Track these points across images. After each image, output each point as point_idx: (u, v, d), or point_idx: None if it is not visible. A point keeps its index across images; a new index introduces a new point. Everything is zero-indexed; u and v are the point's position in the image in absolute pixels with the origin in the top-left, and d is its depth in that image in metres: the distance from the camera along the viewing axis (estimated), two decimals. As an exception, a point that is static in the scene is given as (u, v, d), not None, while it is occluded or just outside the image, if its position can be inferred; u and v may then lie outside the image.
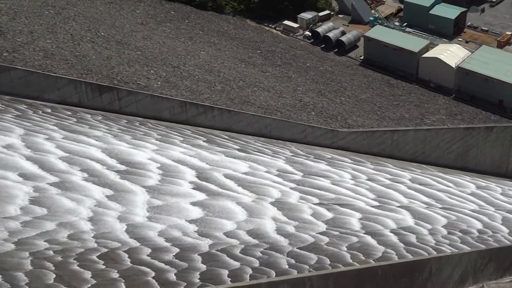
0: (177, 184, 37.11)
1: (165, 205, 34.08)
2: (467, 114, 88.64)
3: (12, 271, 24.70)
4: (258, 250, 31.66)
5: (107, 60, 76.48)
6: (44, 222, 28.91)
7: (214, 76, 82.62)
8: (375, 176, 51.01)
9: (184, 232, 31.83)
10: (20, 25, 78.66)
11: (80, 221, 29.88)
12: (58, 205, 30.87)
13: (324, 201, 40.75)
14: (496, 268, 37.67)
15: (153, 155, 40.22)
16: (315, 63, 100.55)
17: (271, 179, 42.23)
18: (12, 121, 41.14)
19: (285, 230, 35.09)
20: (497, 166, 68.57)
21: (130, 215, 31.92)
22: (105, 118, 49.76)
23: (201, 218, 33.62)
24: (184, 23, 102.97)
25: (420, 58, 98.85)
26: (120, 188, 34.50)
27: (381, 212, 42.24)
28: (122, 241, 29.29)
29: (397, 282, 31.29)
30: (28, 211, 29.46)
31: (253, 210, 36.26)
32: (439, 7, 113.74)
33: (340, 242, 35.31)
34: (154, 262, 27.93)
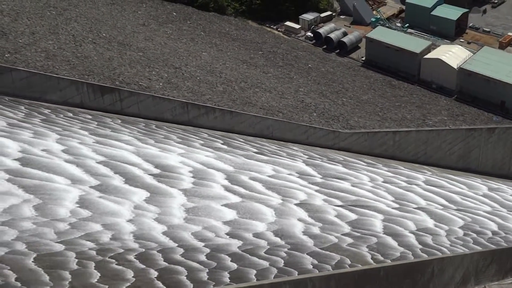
0: (209, 187, 38.74)
1: (200, 207, 35.67)
2: (469, 115, 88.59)
3: (58, 269, 26.00)
4: (284, 250, 32.89)
5: (109, 61, 76.52)
6: (89, 224, 30.47)
7: (215, 77, 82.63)
8: (391, 178, 51.97)
9: (217, 233, 33.19)
10: (22, 26, 78.72)
11: (122, 223, 31.47)
12: (101, 207, 32.54)
13: (347, 203, 41.98)
14: (498, 270, 37.64)
15: (182, 159, 41.82)
16: (317, 64, 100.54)
17: (295, 181, 43.64)
18: (41, 125, 42.41)
19: (311, 231, 36.33)
20: (499, 167, 68.50)
21: (168, 217, 33.49)
22: (124, 122, 51.36)
23: (234, 220, 35.05)
24: (186, 24, 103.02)
25: (422, 59, 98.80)
26: (157, 191, 36.12)
27: (401, 213, 43.35)
28: (160, 241, 30.70)
29: (399, 283, 31.27)
30: (75, 213, 31.08)
31: (281, 212, 37.64)
32: (441, 8, 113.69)
33: (362, 243, 36.31)
34: (187, 262, 29.25)
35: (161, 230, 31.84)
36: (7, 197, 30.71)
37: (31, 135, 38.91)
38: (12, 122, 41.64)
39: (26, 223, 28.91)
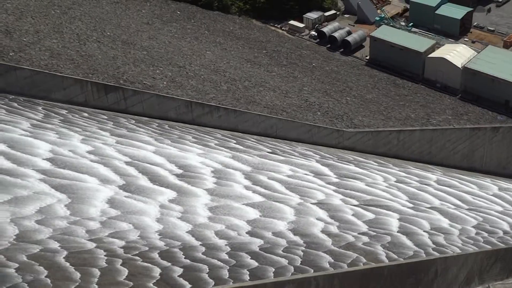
0: (231, 186, 40.10)
1: (223, 206, 36.94)
2: (473, 114, 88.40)
3: (87, 266, 26.87)
4: (301, 249, 33.86)
5: (113, 59, 76.55)
6: (117, 223, 31.56)
7: (219, 76, 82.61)
8: (403, 178, 52.87)
9: (239, 232, 34.32)
10: (26, 24, 78.79)
11: (148, 222, 32.51)
12: (129, 207, 33.68)
13: (362, 202, 43.08)
14: (502, 269, 37.63)
15: (202, 159, 43.26)
16: (321, 63, 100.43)
17: (312, 181, 44.90)
18: (62, 126, 43.57)
19: (329, 230, 37.38)
20: (503, 166, 68.47)
21: (192, 216, 34.65)
22: (138, 122, 52.74)
23: (256, 219, 36.27)
24: (190, 23, 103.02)
25: (426, 58, 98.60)
26: (182, 190, 37.45)
27: (416, 213, 44.25)
28: (184, 240, 31.71)
29: (403, 283, 31.27)
30: (104, 212, 32.23)
31: (300, 211, 38.80)
32: (445, 7, 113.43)
33: (378, 242, 37.24)
34: (210, 260, 30.23)
35: (186, 229, 32.91)
36: (44, 196, 31.77)
37: (56, 135, 40.12)
38: (34, 123, 42.73)
39: (60, 222, 29.91)
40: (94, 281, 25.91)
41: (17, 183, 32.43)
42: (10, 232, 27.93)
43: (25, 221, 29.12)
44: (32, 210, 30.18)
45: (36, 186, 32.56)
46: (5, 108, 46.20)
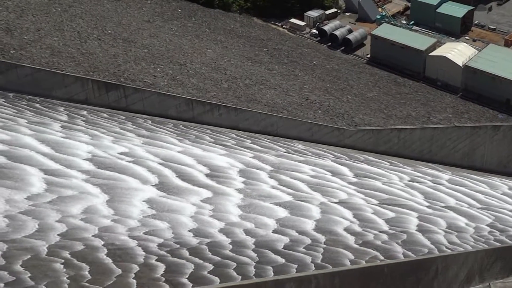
0: (259, 186, 41.59)
1: (254, 206, 38.32)
2: (474, 112, 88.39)
3: (126, 263, 28.23)
4: (323, 247, 34.92)
5: (113, 57, 76.52)
6: (155, 221, 32.94)
7: (220, 74, 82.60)
8: (418, 178, 53.84)
9: (268, 230, 35.57)
10: (27, 22, 78.76)
11: (183, 221, 33.87)
12: (165, 206, 35.10)
13: (382, 202, 44.45)
14: (503, 267, 37.62)
15: (227, 159, 44.91)
16: (322, 61, 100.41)
17: (334, 181, 46.41)
18: (89, 128, 45.12)
19: (352, 228, 38.55)
20: (504, 165, 68.48)
21: (225, 215, 36.09)
22: (154, 121, 54.12)
23: (285, 217, 37.49)
24: (190, 21, 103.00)
25: (427, 57, 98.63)
26: (214, 190, 38.81)
27: (433, 212, 45.34)
28: (217, 238, 33.07)
29: (403, 281, 31.28)
30: (143, 211, 33.75)
31: (326, 210, 40.00)
32: (446, 5, 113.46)
33: (397, 240, 38.37)
34: (238, 257, 31.42)
35: (219, 227, 34.22)
36: (88, 196, 33.52)
37: (88, 137, 41.69)
38: (64, 125, 44.13)
39: (103, 220, 31.51)
40: (131, 276, 27.16)
41: (63, 183, 33.81)
42: (58, 230, 29.33)
43: (71, 219, 30.64)
44: (79, 209, 31.61)
45: (80, 186, 34.02)
46: (29, 109, 47.46)
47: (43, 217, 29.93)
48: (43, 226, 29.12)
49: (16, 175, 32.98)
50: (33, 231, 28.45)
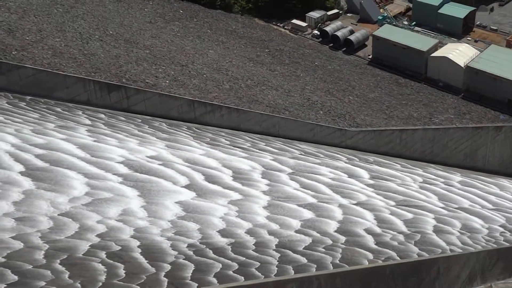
0: (283, 188, 42.96)
1: (281, 207, 39.64)
2: (476, 113, 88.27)
3: (159, 262, 29.69)
4: (343, 247, 36.21)
5: (115, 58, 76.56)
6: (185, 223, 34.43)
7: (222, 75, 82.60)
8: (430, 180, 54.93)
9: (293, 231, 36.78)
10: (29, 23, 78.84)
11: (213, 222, 35.40)
12: (196, 208, 36.67)
13: (399, 203, 45.84)
14: (504, 268, 37.60)
15: (250, 162, 46.51)
16: (324, 62, 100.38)
17: (350, 182, 47.88)
18: (112, 130, 46.82)
19: (372, 229, 39.87)
20: (506, 165, 68.42)
21: (253, 216, 37.48)
22: (170, 124, 55.50)
23: (310, 219, 38.88)
24: (192, 22, 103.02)
25: (429, 57, 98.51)
26: (242, 192, 40.32)
27: (448, 213, 46.57)
28: (244, 238, 34.50)
29: (405, 281, 31.28)
30: (176, 213, 35.42)
31: (348, 212, 41.48)
32: (448, 6, 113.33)
33: (413, 241, 39.66)
34: (262, 257, 32.81)
35: (246, 228, 35.64)
36: (127, 199, 35.20)
37: (116, 141, 43.39)
38: (89, 129, 45.81)
39: (139, 222, 33.00)
40: (162, 275, 28.46)
41: (102, 186, 35.48)
42: (97, 231, 30.88)
43: (109, 220, 32.20)
44: (116, 211, 33.16)
45: (117, 189, 35.75)
46: (49, 112, 48.65)
47: (83, 218, 31.36)
48: (83, 227, 30.52)
49: (58, 178, 34.62)
50: (74, 232, 29.87)
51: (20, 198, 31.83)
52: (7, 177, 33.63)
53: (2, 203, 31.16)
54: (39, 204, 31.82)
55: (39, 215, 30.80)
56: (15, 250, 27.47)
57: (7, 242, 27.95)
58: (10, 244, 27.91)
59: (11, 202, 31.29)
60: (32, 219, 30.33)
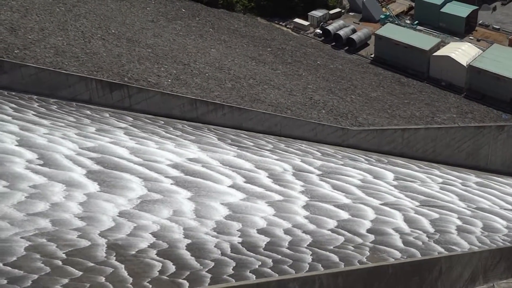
0: (318, 189, 44.63)
1: (319, 207, 41.20)
2: (478, 112, 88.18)
3: (203, 259, 31.42)
4: (370, 246, 37.51)
5: (117, 57, 76.58)
6: (231, 222, 36.28)
7: (224, 74, 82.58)
8: (449, 180, 55.95)
9: (327, 230, 38.29)
10: (31, 22, 78.87)
11: (257, 221, 37.18)
12: (241, 208, 38.60)
13: (423, 203, 47.17)
14: (507, 268, 37.57)
15: (281, 164, 48.07)
16: (326, 61, 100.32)
17: (377, 183, 49.32)
18: (149, 133, 48.60)
19: (400, 229, 41.23)
20: (508, 165, 68.34)
21: (293, 216, 39.15)
22: (192, 127, 56.62)
23: (347, 219, 40.40)
24: (194, 21, 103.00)
25: (431, 57, 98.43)
26: (282, 193, 41.98)
27: (471, 213, 47.70)
28: (281, 237, 36.01)
29: (407, 281, 31.26)
30: (223, 213, 37.36)
31: (380, 212, 42.93)
32: (451, 5, 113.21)
33: (439, 240, 40.87)
34: (296, 254, 34.23)
35: (285, 227, 37.17)
36: (179, 200, 37.15)
37: (155, 144, 45.21)
38: (126, 132, 47.57)
39: (190, 221, 34.99)
40: (205, 270, 30.22)
41: (155, 187, 37.71)
42: (151, 230, 32.88)
43: (162, 220, 34.23)
44: (168, 212, 35.24)
45: (170, 190, 38.02)
46: (78, 116, 49.93)
47: (140, 218, 33.56)
48: (139, 226, 32.67)
49: (116, 181, 37.07)
50: (130, 231, 32.04)
51: (84, 199, 34.02)
52: (72, 179, 35.80)
53: (70, 203, 33.20)
54: (101, 204, 34.01)
55: (102, 215, 32.99)
56: (79, 248, 29.48)
57: (72, 240, 29.96)
58: (76, 242, 29.85)
59: (76, 202, 33.49)
60: (95, 219, 32.40)
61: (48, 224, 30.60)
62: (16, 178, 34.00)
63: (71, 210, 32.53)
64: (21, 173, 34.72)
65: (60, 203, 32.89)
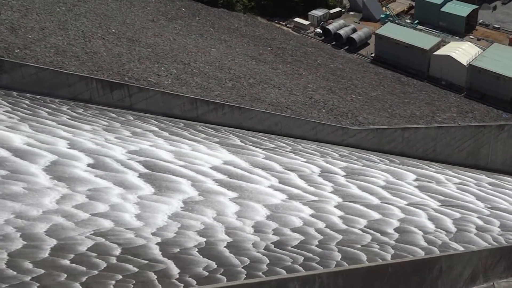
0: (347, 189, 45.76)
1: (351, 208, 42.40)
2: (478, 112, 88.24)
3: (241, 257, 32.66)
4: (392, 245, 38.40)
5: (117, 57, 76.63)
6: (269, 222, 37.53)
7: (224, 73, 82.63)
8: (464, 181, 56.51)
9: (357, 229, 39.51)
10: (32, 21, 78.94)
11: (293, 221, 38.35)
12: (281, 208, 39.78)
13: (446, 203, 48.00)
14: (507, 267, 37.55)
15: (309, 165, 48.93)
16: (326, 60, 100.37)
17: (400, 184, 50.35)
18: (177, 136, 49.52)
19: (426, 227, 42.14)
20: (508, 164, 68.26)
21: (327, 215, 40.23)
22: (208, 127, 57.51)
23: (379, 219, 41.56)
24: (194, 20, 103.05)
25: (431, 56, 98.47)
26: (316, 194, 43.12)
27: (490, 213, 48.38)
28: (314, 236, 37.07)
29: (408, 280, 31.25)
30: (263, 213, 38.65)
31: (407, 212, 43.88)
32: (451, 4, 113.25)
33: (459, 240, 41.72)
34: (324, 252, 35.26)
35: (319, 226, 38.31)
36: (223, 201, 38.61)
37: (189, 147, 46.29)
38: (157, 135, 48.51)
39: (232, 221, 36.44)
40: (241, 267, 31.66)
41: (203, 189, 39.26)
42: (197, 228, 34.51)
43: (207, 219, 35.75)
44: (213, 212, 36.73)
45: (216, 192, 39.57)
46: (105, 118, 50.55)
47: (189, 219, 35.20)
48: (184, 226, 34.18)
49: (168, 184, 38.64)
50: (176, 230, 33.62)
51: (139, 200, 35.84)
52: (127, 182, 37.59)
53: (127, 205, 35.04)
54: (155, 206, 35.78)
55: (156, 215, 34.77)
56: (134, 246, 31.23)
57: (129, 238, 31.72)
58: (132, 240, 31.74)
59: (133, 203, 35.34)
60: (150, 219, 34.06)
61: (109, 224, 32.48)
62: (76, 181, 35.72)
63: (129, 211, 34.42)
64: (80, 176, 36.50)
65: (119, 204, 34.81)
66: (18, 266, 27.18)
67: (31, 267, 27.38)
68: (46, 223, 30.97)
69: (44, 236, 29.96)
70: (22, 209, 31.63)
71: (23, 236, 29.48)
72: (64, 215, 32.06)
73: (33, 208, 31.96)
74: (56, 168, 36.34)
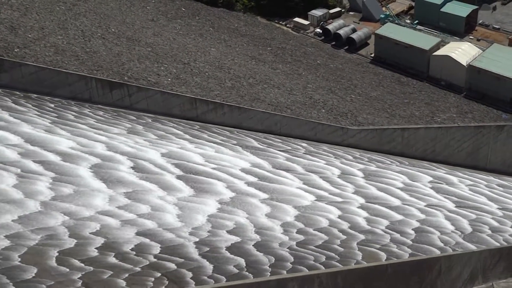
0: (368, 191, 46.54)
1: (375, 209, 43.34)
2: (478, 112, 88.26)
3: (268, 255, 33.72)
4: (409, 244, 39.32)
5: (117, 56, 76.61)
6: (296, 223, 38.33)
7: (224, 73, 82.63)
8: (475, 182, 57.07)
9: (378, 230, 40.38)
10: (31, 21, 78.91)
11: (321, 220, 39.54)
12: (309, 209, 40.70)
13: (462, 204, 48.84)
14: (506, 267, 37.57)
15: (329, 167, 49.89)
16: (326, 60, 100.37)
17: (416, 186, 51.11)
18: (201, 139, 50.38)
19: (444, 228, 43.04)
20: (508, 165, 68.25)
21: (352, 216, 41.30)
22: (222, 129, 57.98)
23: (401, 220, 42.64)
24: (194, 20, 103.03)
25: (431, 56, 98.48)
26: (340, 195, 44.22)
27: (504, 214, 49.16)
28: (338, 236, 38.07)
29: (407, 280, 31.26)
30: (292, 214, 39.58)
31: (428, 213, 44.74)
32: (451, 4, 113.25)
33: (471, 238, 42.71)
34: (343, 250, 36.32)
35: (344, 227, 39.34)
36: (254, 203, 39.78)
37: (214, 150, 47.23)
38: (180, 137, 49.43)
39: (263, 220, 37.69)
40: (268, 265, 32.85)
41: (236, 191, 40.54)
42: (229, 228, 35.72)
43: (239, 218, 37.14)
44: (244, 213, 37.97)
45: (248, 194, 40.69)
46: (125, 121, 51.20)
47: (222, 219, 36.39)
48: (219, 226, 35.48)
49: (205, 186, 39.93)
50: (211, 230, 34.88)
51: (179, 201, 37.13)
52: (166, 183, 38.80)
53: (168, 206, 36.34)
54: (194, 207, 37.02)
55: (196, 215, 36.10)
56: (172, 245, 32.53)
57: (169, 238, 33.18)
58: (172, 240, 33.06)
59: (173, 204, 36.80)
60: (189, 219, 35.34)
61: (151, 224, 33.73)
62: (120, 183, 37.07)
63: (170, 211, 35.80)
64: (123, 178, 37.87)
65: (160, 205, 36.15)
66: (69, 264, 28.56)
67: (80, 265, 28.84)
68: (96, 223, 32.32)
69: (92, 235, 31.26)
70: (72, 209, 32.83)
71: (74, 235, 30.78)
72: (111, 215, 33.39)
73: (83, 209, 33.24)
74: (101, 171, 37.56)
